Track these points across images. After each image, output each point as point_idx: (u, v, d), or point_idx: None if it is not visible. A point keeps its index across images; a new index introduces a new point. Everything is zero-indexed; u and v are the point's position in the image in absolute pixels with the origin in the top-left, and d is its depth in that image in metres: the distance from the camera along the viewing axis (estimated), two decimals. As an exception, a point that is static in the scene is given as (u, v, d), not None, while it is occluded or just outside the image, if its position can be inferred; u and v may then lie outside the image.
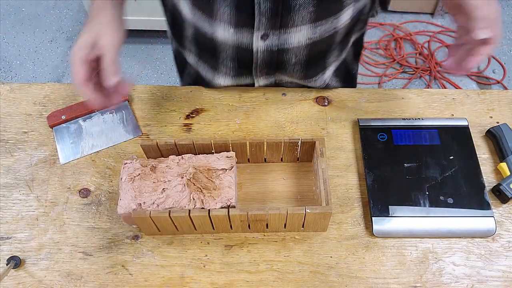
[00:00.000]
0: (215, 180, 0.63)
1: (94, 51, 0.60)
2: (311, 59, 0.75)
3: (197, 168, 0.64)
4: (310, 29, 0.69)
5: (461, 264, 0.63)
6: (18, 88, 0.82)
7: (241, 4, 0.64)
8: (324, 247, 0.65)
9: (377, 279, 0.62)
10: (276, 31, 0.69)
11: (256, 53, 0.73)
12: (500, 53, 1.98)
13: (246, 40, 0.70)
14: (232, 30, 0.69)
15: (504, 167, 0.69)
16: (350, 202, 0.69)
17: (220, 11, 0.66)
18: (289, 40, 0.71)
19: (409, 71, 1.96)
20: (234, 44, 0.72)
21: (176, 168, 0.64)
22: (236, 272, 0.63)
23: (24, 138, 0.76)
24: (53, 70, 2.00)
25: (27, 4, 2.22)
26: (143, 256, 0.65)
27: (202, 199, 0.61)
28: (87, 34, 0.61)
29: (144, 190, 0.62)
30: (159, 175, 0.64)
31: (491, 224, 0.64)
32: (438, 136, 0.72)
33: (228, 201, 0.62)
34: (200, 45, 0.77)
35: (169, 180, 0.63)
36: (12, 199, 0.70)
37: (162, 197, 0.62)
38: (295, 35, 0.70)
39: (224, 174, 0.64)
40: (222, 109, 0.79)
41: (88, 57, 0.60)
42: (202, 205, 0.61)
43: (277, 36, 0.70)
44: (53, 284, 0.62)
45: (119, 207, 0.62)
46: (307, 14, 0.66)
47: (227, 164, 0.65)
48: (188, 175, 0.63)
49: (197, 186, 0.63)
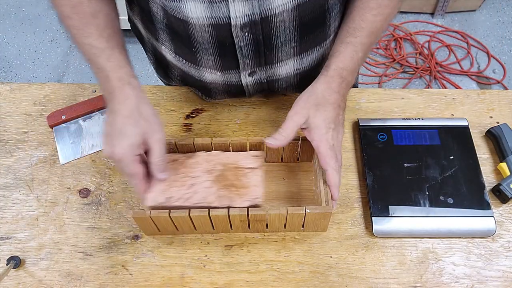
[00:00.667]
0: (242, 178, 0.63)
1: (143, 147, 0.58)
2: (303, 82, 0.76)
3: (225, 165, 0.64)
4: (296, 61, 0.70)
5: (461, 264, 0.63)
6: (18, 88, 0.82)
7: (223, 51, 0.65)
8: (324, 247, 0.65)
9: (377, 279, 0.62)
10: (263, 68, 0.69)
11: (246, 86, 0.74)
12: (500, 53, 1.98)
13: (235, 79, 0.71)
14: (219, 73, 0.69)
15: (504, 167, 0.69)
16: (350, 202, 0.69)
17: (204, 59, 0.67)
18: (277, 72, 0.71)
19: (409, 71, 1.96)
20: (224, 82, 0.72)
21: (205, 164, 0.65)
22: (236, 272, 0.63)
23: (24, 138, 0.76)
24: (53, 70, 2.00)
25: (27, 4, 2.22)
26: (143, 256, 0.65)
27: (229, 197, 0.62)
28: (132, 130, 0.57)
29: (172, 185, 0.62)
30: (187, 170, 0.64)
31: (491, 224, 0.64)
32: (438, 136, 0.72)
33: (254, 200, 0.61)
34: (190, 83, 0.78)
35: (197, 176, 0.63)
36: (12, 199, 0.70)
37: (190, 192, 0.62)
38: (282, 68, 0.70)
39: (251, 172, 0.64)
40: (222, 109, 0.79)
41: (139, 155, 0.58)
42: (228, 203, 0.61)
43: (264, 71, 0.70)
44: (53, 284, 0.62)
45: (148, 199, 0.62)
46: (290, 49, 0.67)
47: (254, 163, 0.65)
48: (216, 172, 0.63)
49: (224, 183, 0.63)
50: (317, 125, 0.60)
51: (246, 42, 0.63)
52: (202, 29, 0.61)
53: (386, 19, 0.64)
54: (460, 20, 2.09)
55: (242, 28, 0.60)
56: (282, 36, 0.63)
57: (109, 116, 0.59)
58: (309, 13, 0.62)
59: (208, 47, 0.64)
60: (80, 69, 2.00)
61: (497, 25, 2.08)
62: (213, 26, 0.60)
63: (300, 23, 0.62)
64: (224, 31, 0.61)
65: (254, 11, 0.59)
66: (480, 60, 1.97)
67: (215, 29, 0.61)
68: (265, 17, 0.60)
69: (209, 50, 0.65)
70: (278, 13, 0.60)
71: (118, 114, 0.58)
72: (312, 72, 0.73)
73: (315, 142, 0.61)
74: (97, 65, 0.60)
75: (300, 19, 0.62)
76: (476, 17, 2.10)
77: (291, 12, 0.60)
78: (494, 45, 2.01)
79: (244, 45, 0.63)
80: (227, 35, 0.62)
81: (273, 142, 0.61)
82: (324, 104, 0.61)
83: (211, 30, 0.61)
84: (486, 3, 2.13)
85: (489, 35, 2.04)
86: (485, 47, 2.00)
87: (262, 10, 0.59)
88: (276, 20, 0.60)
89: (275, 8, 0.59)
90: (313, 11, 0.62)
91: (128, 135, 0.57)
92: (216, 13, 0.58)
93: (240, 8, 0.58)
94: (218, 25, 0.60)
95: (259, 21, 0.60)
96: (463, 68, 1.95)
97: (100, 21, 0.61)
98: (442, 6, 2.03)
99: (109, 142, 0.57)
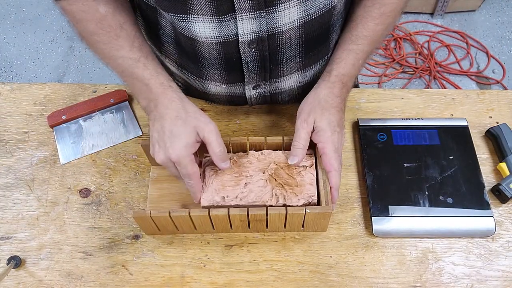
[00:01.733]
0: (296, 177, 0.64)
1: (197, 144, 0.59)
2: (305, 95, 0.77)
3: (277, 164, 0.64)
4: (300, 75, 0.71)
5: (460, 264, 0.63)
6: (19, 88, 0.82)
7: (229, 66, 0.65)
8: (324, 247, 0.65)
9: (377, 279, 0.62)
10: (267, 82, 0.70)
11: (249, 98, 0.74)
12: (499, 53, 1.98)
13: (239, 91, 0.72)
14: (224, 86, 0.70)
15: (503, 167, 0.69)
16: (350, 202, 0.69)
17: (210, 73, 0.67)
18: (281, 86, 0.72)
19: (409, 71, 1.96)
20: (227, 94, 0.73)
21: (257, 163, 0.65)
22: (236, 272, 0.63)
23: (24, 138, 0.76)
24: (53, 70, 2.00)
25: (28, 4, 2.22)
26: (143, 256, 0.65)
27: (285, 195, 0.62)
28: (184, 129, 0.57)
29: (227, 184, 0.63)
30: (240, 169, 0.64)
31: (491, 224, 0.64)
32: (437, 136, 0.72)
33: (309, 198, 0.62)
34: (193, 94, 0.78)
35: (251, 175, 0.63)
36: (13, 199, 0.70)
37: (245, 191, 0.62)
38: (285, 82, 0.71)
39: (305, 171, 0.64)
40: (222, 109, 0.79)
41: (194, 153, 0.59)
42: (284, 201, 0.62)
43: (269, 85, 0.71)
44: (53, 284, 0.63)
45: (203, 200, 0.62)
46: (295, 64, 0.68)
47: (307, 161, 0.65)
48: (269, 170, 0.64)
49: (278, 182, 0.63)
50: (323, 128, 0.61)
51: (253, 58, 0.64)
52: (210, 46, 0.62)
53: (387, 28, 0.65)
54: (459, 20, 2.09)
55: (250, 44, 0.61)
56: (288, 52, 0.64)
57: (156, 123, 0.59)
58: (315, 29, 0.63)
59: (215, 62, 0.65)
60: (81, 69, 2.00)
61: (497, 25, 2.08)
62: (221, 44, 0.61)
63: (306, 40, 0.63)
64: (232, 48, 0.62)
65: (261, 28, 0.59)
66: (479, 60, 1.97)
67: (223, 46, 0.61)
68: (272, 34, 0.60)
69: (216, 65, 0.65)
70: (285, 31, 0.60)
71: (165, 118, 0.58)
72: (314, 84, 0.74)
73: (321, 144, 0.61)
74: (133, 75, 0.60)
75: (306, 35, 0.63)
76: (476, 17, 2.11)
77: (298, 30, 0.61)
78: (493, 45, 2.01)
79: (251, 61, 0.64)
80: (234, 51, 0.62)
81: (296, 160, 0.62)
82: (328, 108, 0.62)
83: (218, 48, 0.62)
84: (485, 3, 2.13)
85: (488, 35, 2.04)
86: (484, 47, 2.00)
87: (269, 28, 0.59)
88: (283, 37, 0.61)
89: (282, 26, 0.60)
90: (319, 27, 0.63)
91: (182, 136, 0.57)
92: (225, 32, 0.59)
93: (249, 26, 0.58)
94: (226, 42, 0.61)
95: (266, 37, 0.61)
96: (463, 68, 1.95)
97: (128, 32, 0.61)
98: (442, 6, 2.04)
99: (162, 147, 0.57)
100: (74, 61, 2.03)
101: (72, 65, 2.02)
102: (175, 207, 0.68)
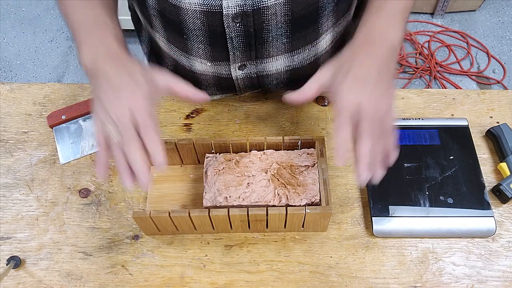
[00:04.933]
0: (298, 177, 0.64)
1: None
2: (294, 80, 0.76)
3: (280, 164, 0.64)
4: (287, 58, 0.70)
5: (461, 264, 0.63)
6: (18, 88, 0.82)
7: (213, 40, 0.65)
8: (324, 247, 0.65)
9: (377, 279, 0.62)
10: (253, 62, 0.69)
11: (236, 79, 0.73)
12: (500, 53, 1.98)
13: (225, 71, 0.71)
14: (209, 64, 0.69)
15: (504, 167, 0.69)
16: (350, 202, 0.69)
17: (195, 47, 0.67)
18: (267, 68, 0.71)
19: (409, 71, 1.96)
20: (213, 74, 0.72)
21: (259, 163, 0.65)
22: (236, 272, 0.63)
23: (24, 138, 0.76)
24: (53, 70, 2.00)
25: (27, 4, 2.22)
26: (143, 256, 0.65)
27: (287, 195, 0.62)
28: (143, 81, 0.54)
29: (229, 184, 0.63)
30: (243, 169, 0.64)
31: (491, 224, 0.64)
32: (438, 136, 0.72)
33: (312, 198, 0.62)
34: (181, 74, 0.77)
35: (254, 175, 0.63)
36: (12, 199, 0.70)
37: (248, 191, 0.62)
38: (272, 64, 0.70)
39: (307, 170, 0.64)
40: (222, 109, 0.79)
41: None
42: (287, 201, 0.62)
43: (254, 65, 0.70)
44: (53, 284, 0.62)
45: (205, 200, 0.62)
46: (281, 45, 0.67)
47: (309, 161, 0.65)
48: (272, 170, 0.64)
49: (281, 181, 0.63)
50: (339, 80, 0.54)
51: (237, 33, 0.63)
52: (194, 15, 0.61)
53: None
54: (460, 20, 2.09)
55: (234, 18, 0.60)
56: (274, 30, 0.64)
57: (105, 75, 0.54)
58: (301, 8, 0.62)
59: (199, 34, 0.64)
60: (80, 69, 2.00)
61: (497, 25, 2.08)
62: (205, 13, 0.60)
63: (292, 18, 0.63)
64: (216, 20, 0.61)
65: (246, 2, 0.59)
66: (480, 60, 1.97)
67: (207, 17, 0.61)
68: (257, 9, 0.60)
69: (200, 37, 0.64)
70: (270, 6, 0.60)
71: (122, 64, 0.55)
72: (303, 71, 0.73)
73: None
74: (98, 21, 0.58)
75: (292, 14, 0.62)
76: (476, 17, 2.11)
77: (283, 6, 0.60)
78: (494, 45, 2.01)
79: (235, 36, 0.63)
80: (218, 24, 0.62)
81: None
82: (349, 61, 0.55)
83: (202, 17, 0.61)
84: (486, 3, 2.13)
85: (489, 35, 2.04)
86: (485, 47, 2.00)
87: (254, 2, 0.59)
88: (268, 12, 0.61)
89: (267, 1, 0.59)
90: (305, 7, 0.62)
91: (143, 85, 0.53)
92: (209, 1, 0.59)
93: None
94: (210, 12, 0.60)
95: (251, 12, 0.60)
96: (463, 68, 1.95)
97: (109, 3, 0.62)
98: (442, 6, 2.03)
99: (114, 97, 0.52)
100: (73, 61, 2.03)
101: (72, 65, 2.01)
102: (175, 207, 0.68)
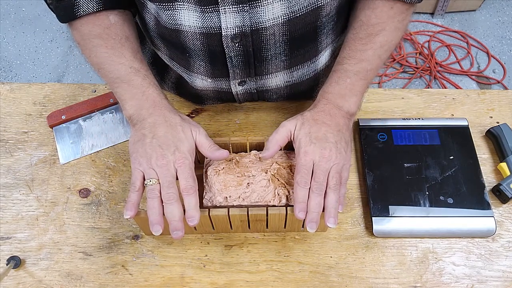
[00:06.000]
0: None
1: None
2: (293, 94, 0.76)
3: (280, 164, 0.64)
4: (286, 75, 0.70)
5: (461, 264, 0.63)
6: (18, 88, 0.82)
7: (213, 59, 0.65)
8: (324, 247, 0.65)
9: (377, 279, 0.62)
10: (253, 78, 0.70)
11: (236, 94, 0.74)
12: (500, 53, 1.98)
13: (225, 86, 0.72)
14: (210, 80, 0.70)
15: (504, 167, 0.69)
16: (350, 202, 0.69)
17: (196, 65, 0.68)
18: (267, 83, 0.72)
19: (409, 71, 1.96)
20: (214, 89, 0.73)
21: (259, 164, 0.65)
22: (236, 272, 0.63)
23: (24, 138, 0.76)
24: (53, 70, 2.00)
25: (27, 4, 2.22)
26: (143, 256, 0.65)
27: (287, 195, 0.62)
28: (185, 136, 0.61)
29: (229, 184, 0.63)
30: (243, 169, 0.64)
31: (491, 224, 0.64)
32: (438, 136, 0.72)
33: None
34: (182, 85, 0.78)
35: (253, 175, 0.63)
36: (12, 199, 0.70)
37: (248, 191, 0.62)
38: (272, 80, 0.71)
39: None
40: (222, 109, 0.79)
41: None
42: (287, 201, 0.61)
43: (254, 81, 0.71)
44: (53, 284, 0.62)
45: (205, 200, 0.62)
46: (280, 63, 0.67)
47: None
48: (272, 170, 0.63)
49: (281, 181, 0.63)
50: (299, 137, 0.61)
51: (236, 53, 0.63)
52: (194, 37, 0.62)
53: (382, 47, 0.64)
54: (460, 20, 2.09)
55: (233, 39, 0.61)
56: (272, 49, 0.64)
57: (146, 131, 0.60)
58: (299, 28, 0.62)
59: (199, 53, 0.65)
60: (80, 69, 2.00)
61: (497, 25, 2.08)
62: (204, 35, 0.61)
63: (291, 38, 0.63)
64: (215, 41, 0.61)
65: (244, 23, 0.59)
66: (480, 60, 1.97)
67: (206, 38, 0.61)
68: (255, 30, 0.60)
69: (200, 56, 0.65)
70: (269, 27, 0.60)
71: (168, 123, 0.60)
72: (302, 86, 0.74)
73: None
74: (131, 82, 0.62)
75: (290, 33, 0.62)
76: (476, 17, 2.11)
77: (282, 27, 0.61)
78: (494, 45, 2.01)
79: (234, 56, 0.64)
80: (218, 45, 0.62)
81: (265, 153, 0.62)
82: (310, 125, 0.61)
83: (202, 39, 0.62)
84: (486, 3, 2.13)
85: (489, 35, 2.04)
86: (485, 47, 2.00)
87: (252, 23, 0.59)
88: (266, 33, 0.61)
89: (266, 22, 0.59)
90: (303, 27, 0.62)
91: (184, 141, 0.59)
92: (208, 23, 0.59)
93: (231, 20, 0.58)
94: (209, 34, 0.61)
95: (250, 33, 0.60)
96: (463, 68, 1.95)
97: (133, 45, 0.65)
98: (442, 6, 2.03)
99: (163, 152, 0.58)
100: (73, 61, 2.03)
101: (72, 65, 2.02)
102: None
